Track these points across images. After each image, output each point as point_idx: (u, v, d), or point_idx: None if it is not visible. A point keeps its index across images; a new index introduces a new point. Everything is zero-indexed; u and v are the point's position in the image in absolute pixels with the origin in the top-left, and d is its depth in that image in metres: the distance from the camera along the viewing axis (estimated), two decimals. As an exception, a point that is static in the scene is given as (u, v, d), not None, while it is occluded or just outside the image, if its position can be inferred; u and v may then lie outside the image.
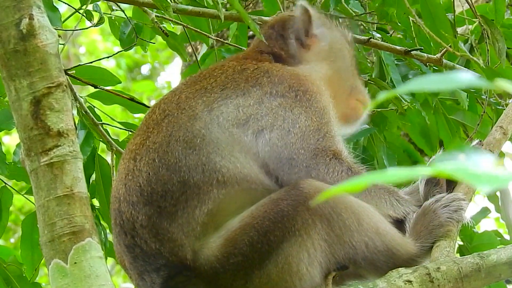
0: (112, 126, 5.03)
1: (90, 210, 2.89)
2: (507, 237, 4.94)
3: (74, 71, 4.81)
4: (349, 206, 3.27)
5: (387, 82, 4.97)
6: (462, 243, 4.93)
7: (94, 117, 4.78)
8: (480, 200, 10.57)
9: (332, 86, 3.70)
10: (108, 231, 4.82)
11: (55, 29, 3.00)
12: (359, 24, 5.39)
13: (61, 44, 4.59)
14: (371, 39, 4.84)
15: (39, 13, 2.88)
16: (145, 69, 14.70)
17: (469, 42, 5.05)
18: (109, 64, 12.97)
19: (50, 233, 2.83)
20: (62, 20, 4.88)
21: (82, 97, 4.83)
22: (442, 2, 4.92)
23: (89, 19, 4.92)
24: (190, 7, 4.87)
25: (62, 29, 4.82)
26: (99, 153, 4.88)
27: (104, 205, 4.70)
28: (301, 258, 3.19)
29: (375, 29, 5.19)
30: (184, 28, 5.16)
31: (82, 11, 4.89)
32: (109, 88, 4.97)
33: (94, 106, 4.92)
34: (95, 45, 13.97)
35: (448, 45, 4.63)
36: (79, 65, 5.05)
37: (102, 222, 4.78)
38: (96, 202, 4.79)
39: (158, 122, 3.42)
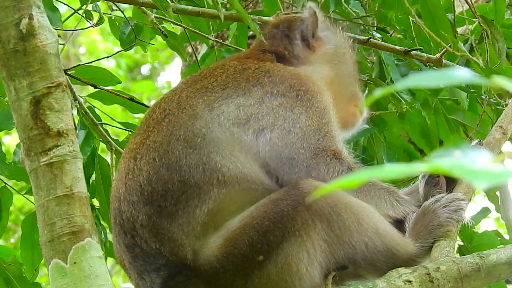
0: (112, 126, 5.03)
1: (90, 210, 2.89)
2: (507, 237, 4.94)
3: (74, 71, 4.81)
4: (349, 206, 3.27)
5: (387, 82, 4.97)
6: (462, 243, 4.92)
7: (94, 117, 4.78)
8: (480, 200, 10.58)
9: (333, 89, 3.70)
10: (108, 231, 4.82)
11: (55, 29, 3.00)
12: (359, 24, 5.39)
13: (61, 44, 4.58)
14: (371, 39, 4.83)
15: (39, 13, 2.88)
16: (145, 69, 14.71)
17: (469, 42, 5.05)
18: (109, 64, 12.97)
19: (50, 233, 2.83)
20: (62, 20, 4.88)
21: (82, 97, 4.82)
22: (442, 2, 4.92)
23: (88, 19, 4.91)
24: (190, 7, 4.86)
25: (62, 29, 4.82)
26: (99, 153, 4.88)
27: (104, 205, 4.69)
28: (300, 258, 3.19)
29: (375, 29, 5.18)
30: (184, 28, 5.16)
31: (81, 12, 4.88)
32: (109, 88, 4.96)
33: (94, 106, 4.91)
34: (95, 45, 13.97)
35: (448, 45, 4.63)
36: (79, 65, 5.04)
37: (102, 222, 4.77)
38: (96, 202, 4.79)
39: (158, 121, 3.42)
